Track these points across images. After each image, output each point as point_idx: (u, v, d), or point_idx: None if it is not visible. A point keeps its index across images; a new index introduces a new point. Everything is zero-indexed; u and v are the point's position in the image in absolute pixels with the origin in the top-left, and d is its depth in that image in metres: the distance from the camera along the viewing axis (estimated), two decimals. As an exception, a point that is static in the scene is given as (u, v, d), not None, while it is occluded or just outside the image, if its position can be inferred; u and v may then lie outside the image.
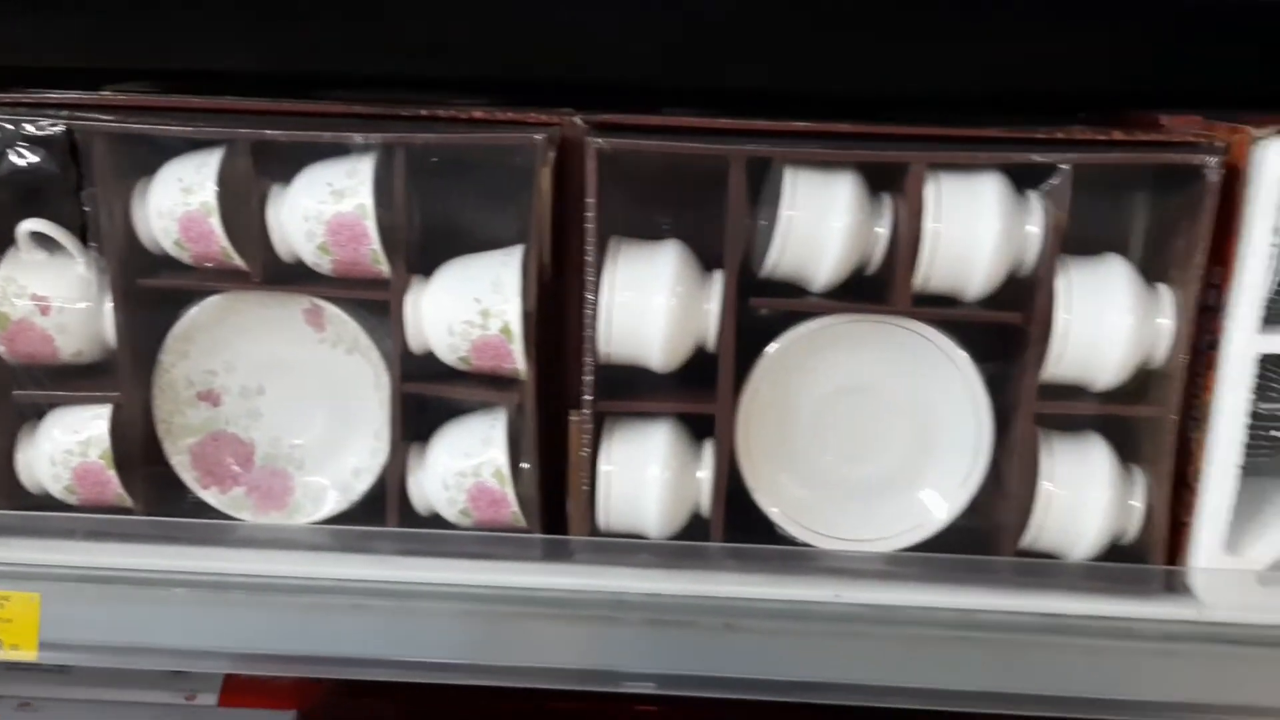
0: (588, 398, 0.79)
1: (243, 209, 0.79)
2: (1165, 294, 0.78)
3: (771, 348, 0.80)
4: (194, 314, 0.83)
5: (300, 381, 0.85)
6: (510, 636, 0.78)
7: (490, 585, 0.78)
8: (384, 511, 0.84)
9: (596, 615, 0.77)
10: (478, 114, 0.80)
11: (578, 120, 0.79)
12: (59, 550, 0.79)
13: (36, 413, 0.85)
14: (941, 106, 0.87)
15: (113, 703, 1.02)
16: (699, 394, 0.82)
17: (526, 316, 0.78)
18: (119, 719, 0.99)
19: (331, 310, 0.83)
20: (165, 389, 0.85)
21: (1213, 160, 0.73)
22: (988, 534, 0.83)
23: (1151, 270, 0.80)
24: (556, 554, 0.80)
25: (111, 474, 0.82)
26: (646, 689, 0.78)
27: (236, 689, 1.05)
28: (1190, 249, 0.76)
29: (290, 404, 0.86)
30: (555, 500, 0.84)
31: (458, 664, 0.77)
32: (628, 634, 0.77)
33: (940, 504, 0.82)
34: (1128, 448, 0.83)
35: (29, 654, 0.78)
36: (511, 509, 0.81)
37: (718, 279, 0.79)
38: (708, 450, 0.82)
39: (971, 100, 0.93)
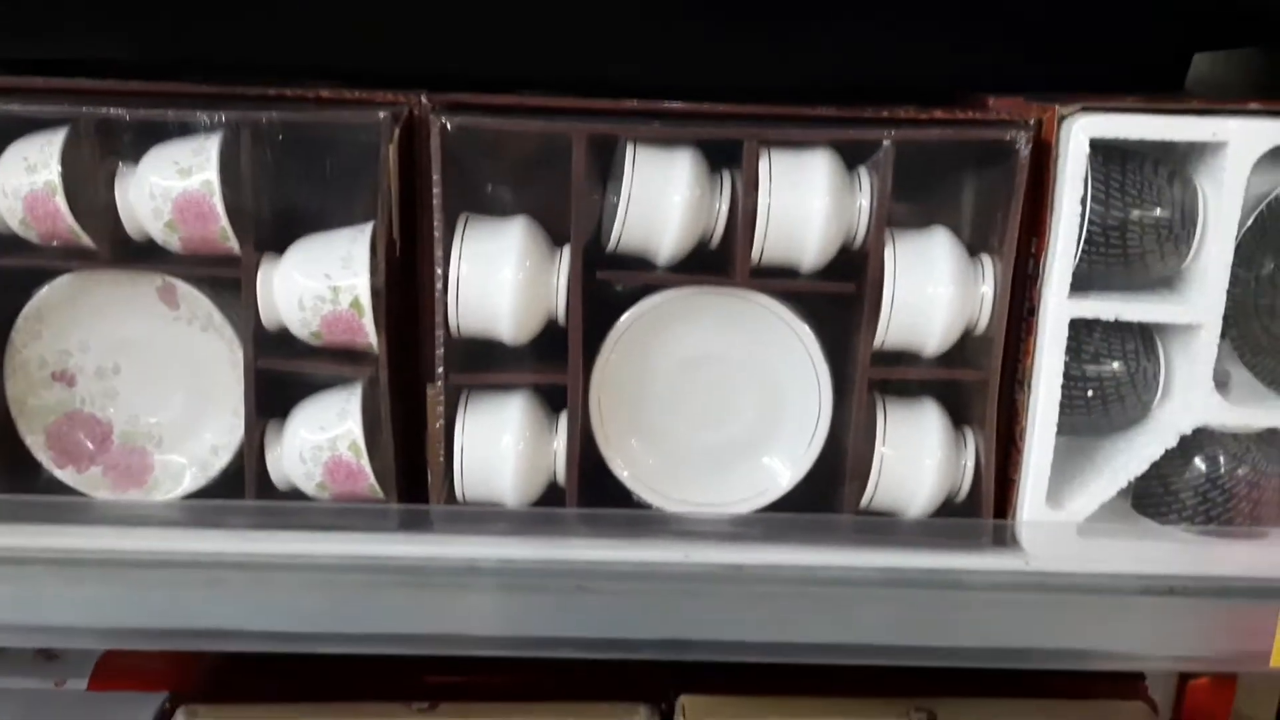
0: (440, 370, 0.82)
1: (89, 187, 0.80)
2: (987, 264, 0.82)
3: (621, 320, 0.84)
4: (45, 293, 0.83)
5: (156, 360, 0.86)
6: (365, 605, 0.80)
7: (345, 555, 0.79)
8: (243, 488, 0.85)
9: (450, 583, 0.80)
10: (325, 93, 0.81)
11: (424, 99, 0.81)
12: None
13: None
14: (792, 97, 0.91)
15: (-23, 690, 1.01)
16: (553, 366, 0.84)
17: (376, 292, 0.79)
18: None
19: (184, 288, 0.83)
20: (18, 370, 0.84)
21: (1023, 136, 0.78)
22: (830, 496, 0.87)
23: (977, 242, 0.85)
24: (413, 524, 0.82)
25: (-38, 455, 0.82)
26: (498, 652, 0.80)
27: (106, 673, 1.05)
28: (1007, 221, 0.81)
29: (147, 382, 0.86)
30: (417, 473, 0.86)
31: (314, 633, 0.79)
32: (480, 600, 0.80)
33: (784, 470, 0.86)
34: (960, 410, 0.88)
35: (-124, 636, 0.78)
36: (368, 481, 0.83)
37: (565, 253, 0.81)
38: (562, 420, 0.85)
39: (820, 91, 0.98)
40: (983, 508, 0.86)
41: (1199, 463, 0.84)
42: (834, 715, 0.98)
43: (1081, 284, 0.81)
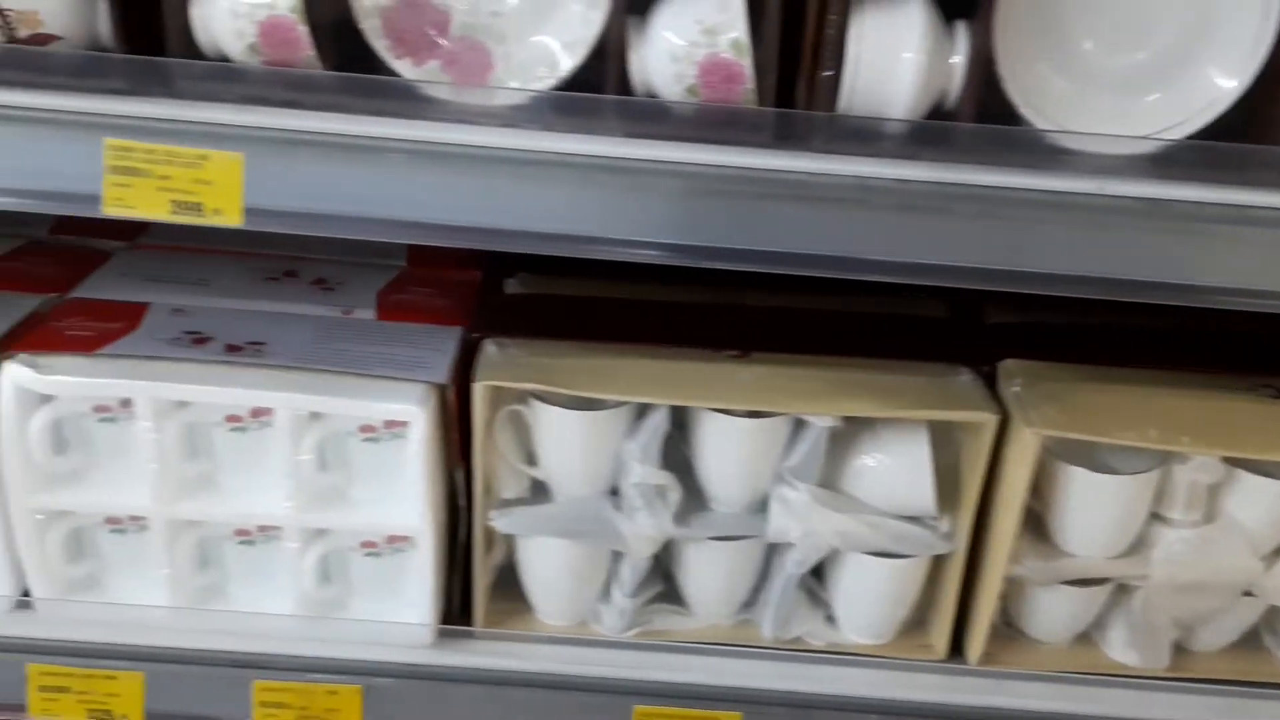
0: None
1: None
2: None
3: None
4: None
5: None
6: (750, 218, 0.73)
7: (730, 165, 0.72)
8: (595, 91, 0.77)
9: (841, 198, 0.73)
10: None
11: None
12: (261, 114, 0.72)
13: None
14: None
15: (268, 313, 0.99)
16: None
17: None
18: (273, 327, 0.96)
19: None
20: (354, -62, 0.76)
21: None
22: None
23: None
24: (795, 135, 0.74)
25: (303, 30, 0.74)
26: (884, 277, 0.74)
27: (392, 307, 1.02)
28: None
29: (491, -36, 0.77)
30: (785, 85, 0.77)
31: (690, 245, 0.73)
32: (874, 219, 0.73)
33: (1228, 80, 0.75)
34: None
35: (233, 219, 0.73)
36: (746, 86, 0.74)
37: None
38: (961, 32, 0.75)
39: None
40: None
41: None
42: (1170, 386, 0.93)
43: None
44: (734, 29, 0.72)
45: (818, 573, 0.99)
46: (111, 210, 0.72)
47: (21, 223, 1.10)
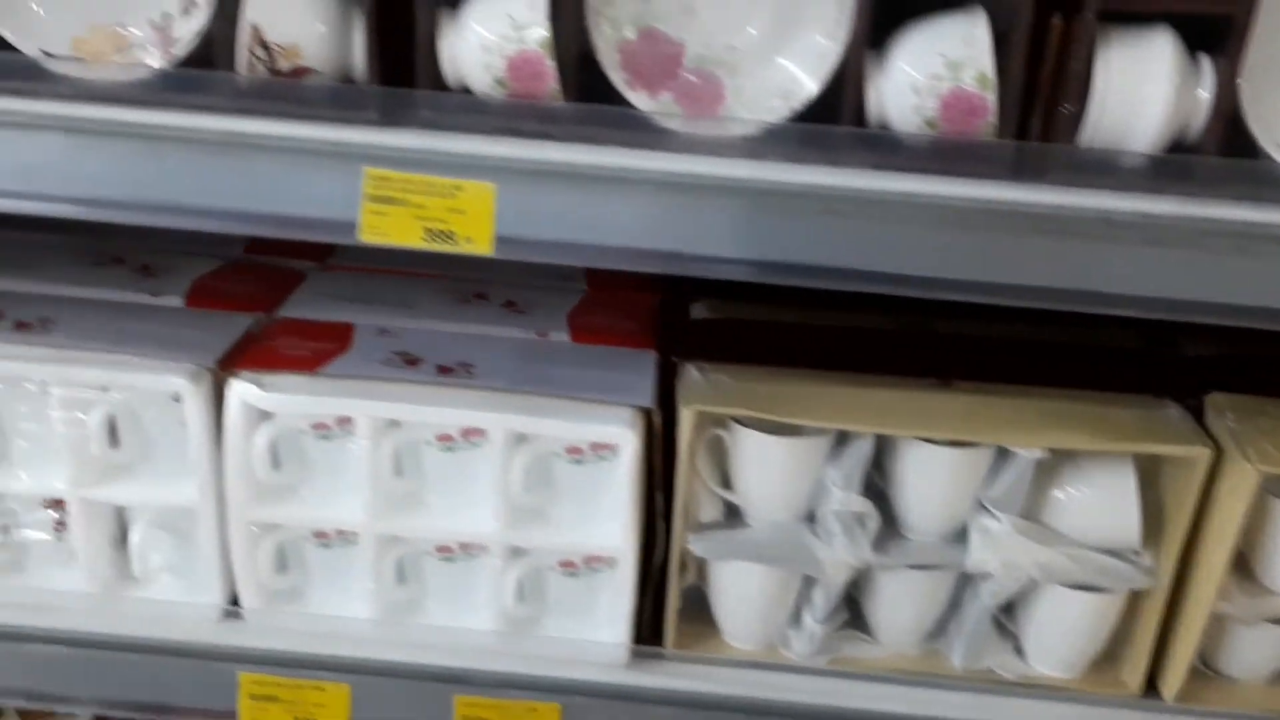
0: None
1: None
2: None
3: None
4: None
5: (743, -28, 0.78)
6: (992, 250, 0.73)
7: (979, 198, 0.72)
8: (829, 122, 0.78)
9: (1086, 232, 0.73)
10: None
11: None
12: (511, 144, 0.75)
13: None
14: None
15: (468, 335, 1.01)
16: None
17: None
18: (477, 349, 0.98)
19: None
20: (598, -25, 0.78)
21: None
22: None
23: None
24: (1035, 167, 0.75)
25: (550, 65, 0.76)
26: (1131, 312, 0.74)
27: (584, 330, 1.04)
28: None
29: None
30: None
31: (933, 278, 0.74)
32: (1121, 252, 0.73)
33: None
34: None
35: (483, 248, 0.75)
36: (988, 119, 0.75)
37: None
38: (1205, 65, 0.75)
39: None
40: None
41: None
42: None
43: None
44: (980, 63, 0.72)
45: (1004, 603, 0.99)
46: (368, 237, 0.74)
47: (218, 243, 1.15)
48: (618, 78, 0.78)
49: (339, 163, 0.74)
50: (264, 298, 1.05)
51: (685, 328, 1.03)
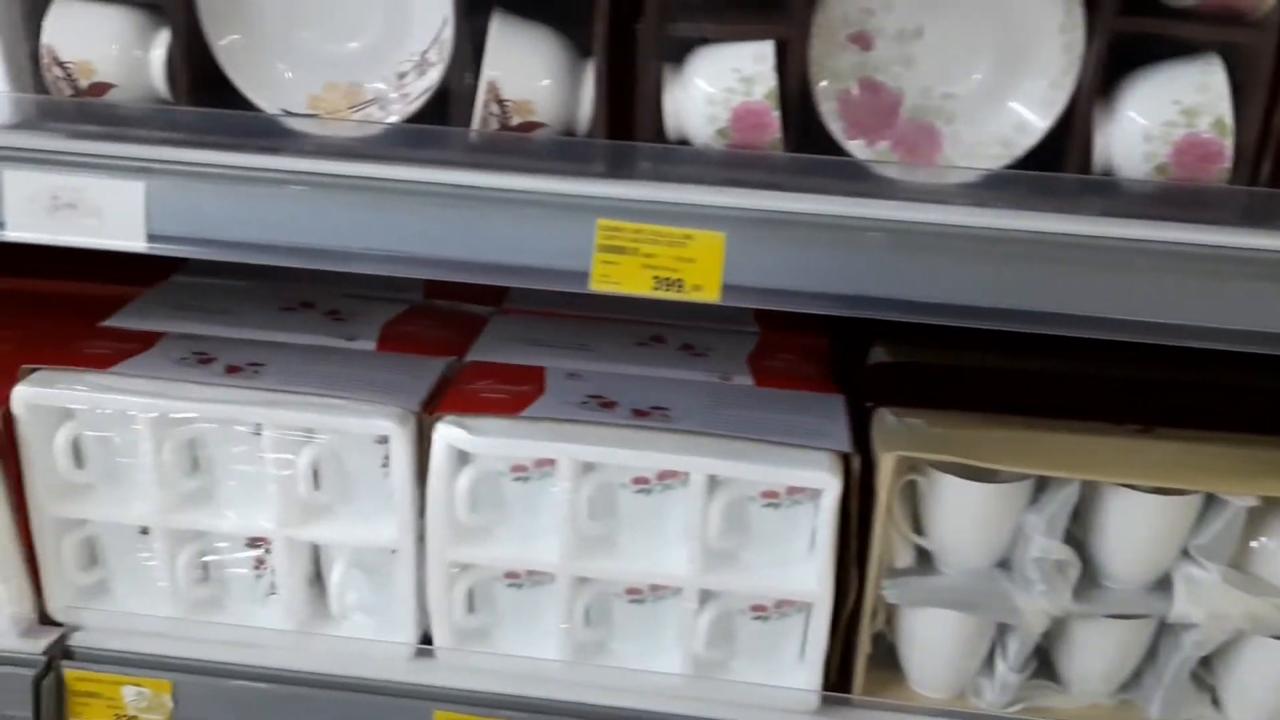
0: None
1: None
2: None
3: None
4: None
5: (965, 21, 0.78)
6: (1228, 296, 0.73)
7: (1218, 245, 0.72)
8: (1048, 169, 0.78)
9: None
10: None
11: None
12: (739, 194, 0.76)
13: (676, 53, 0.80)
14: None
15: (652, 378, 1.02)
16: None
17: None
18: (667, 392, 0.98)
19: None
20: (822, 27, 0.79)
21: None
22: None
23: None
24: (1272, 212, 0.74)
25: (775, 115, 0.77)
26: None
27: (766, 373, 1.04)
28: None
29: (949, 48, 0.79)
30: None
31: (1171, 325, 0.73)
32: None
33: None
34: None
35: (711, 295, 0.76)
36: (1224, 165, 0.74)
37: None
38: None
39: None
40: None
41: None
42: None
43: None
44: (1218, 109, 0.72)
45: (1197, 653, 0.97)
46: (598, 286, 0.76)
47: (397, 287, 1.18)
48: (836, 127, 0.80)
49: (572, 214, 0.76)
50: (451, 342, 1.08)
51: (870, 372, 1.04)
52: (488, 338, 1.09)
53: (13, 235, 0.78)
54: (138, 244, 0.77)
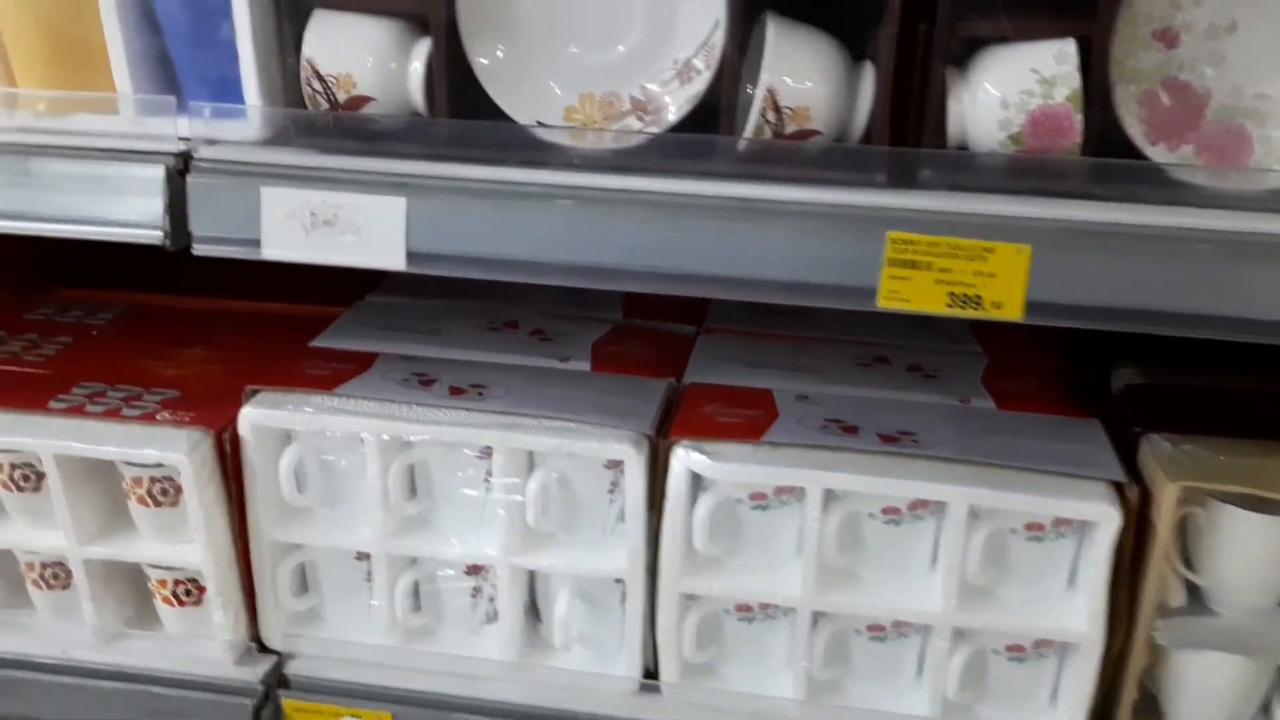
0: None
1: None
2: None
3: None
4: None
5: (1284, 16, 0.72)
6: None
7: None
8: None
9: None
10: None
11: None
12: (1045, 205, 0.70)
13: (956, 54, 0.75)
14: None
15: (888, 401, 0.95)
16: None
17: None
18: (909, 415, 0.91)
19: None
20: (1127, 23, 0.73)
21: None
22: None
23: None
24: None
25: (1077, 119, 0.71)
26: None
27: (1005, 396, 0.97)
28: None
29: (1266, 44, 0.73)
30: None
31: None
32: None
33: None
34: None
35: (1013, 313, 0.71)
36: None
37: None
38: None
39: None
40: None
41: None
42: None
43: None
44: None
45: None
46: (886, 303, 0.71)
47: (596, 306, 1.15)
48: (1136, 130, 0.74)
49: (856, 226, 0.71)
50: (663, 362, 1.03)
51: (1125, 395, 0.97)
52: (701, 358, 1.04)
53: (269, 254, 0.76)
54: (397, 263, 0.75)
